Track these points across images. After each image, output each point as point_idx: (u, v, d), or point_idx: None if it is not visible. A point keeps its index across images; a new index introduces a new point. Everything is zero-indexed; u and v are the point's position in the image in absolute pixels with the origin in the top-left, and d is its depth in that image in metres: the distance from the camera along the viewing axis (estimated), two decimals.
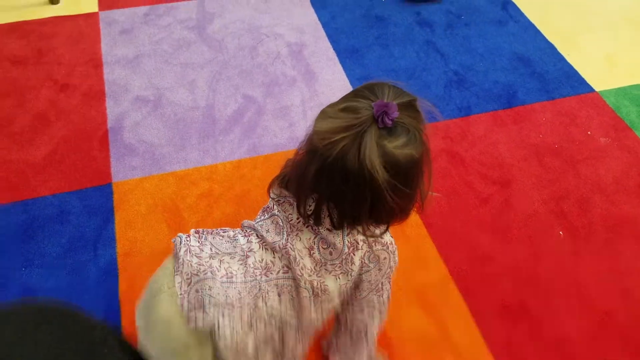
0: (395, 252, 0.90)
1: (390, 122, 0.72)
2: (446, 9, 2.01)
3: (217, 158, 1.46)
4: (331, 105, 0.76)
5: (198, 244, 0.87)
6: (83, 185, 1.37)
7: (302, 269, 0.84)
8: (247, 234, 0.90)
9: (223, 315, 0.80)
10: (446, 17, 1.97)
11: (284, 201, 0.88)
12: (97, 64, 1.68)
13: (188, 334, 0.81)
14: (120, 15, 1.86)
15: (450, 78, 1.75)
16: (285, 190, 0.88)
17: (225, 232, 0.91)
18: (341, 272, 0.85)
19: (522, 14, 2.01)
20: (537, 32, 1.94)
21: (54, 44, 1.74)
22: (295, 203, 0.84)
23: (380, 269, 0.89)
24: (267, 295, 0.83)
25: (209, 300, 0.80)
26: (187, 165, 1.44)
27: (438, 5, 2.02)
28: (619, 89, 1.74)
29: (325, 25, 1.90)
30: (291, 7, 1.94)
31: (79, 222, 1.31)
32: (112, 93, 1.60)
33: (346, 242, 0.83)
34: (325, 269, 0.84)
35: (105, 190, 1.37)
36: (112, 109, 1.55)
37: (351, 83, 1.70)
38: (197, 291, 0.81)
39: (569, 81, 1.76)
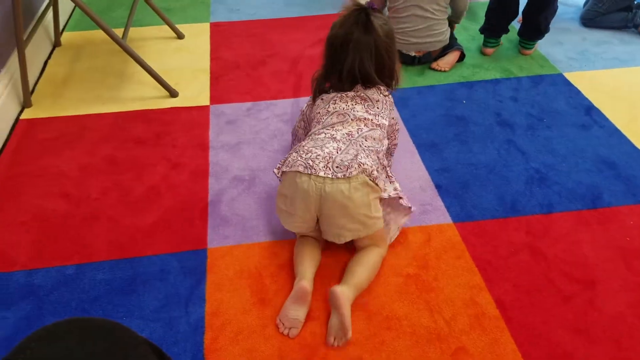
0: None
1: (374, 6, 1.43)
2: (527, 111, 2.09)
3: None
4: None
5: (308, 147, 1.41)
6: (182, 249, 1.53)
7: (368, 121, 1.45)
8: (317, 133, 1.44)
9: (360, 163, 1.34)
10: (527, 120, 2.05)
11: (333, 97, 1.50)
12: (204, 148, 1.91)
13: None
14: (227, 108, 2.13)
15: (532, 175, 1.79)
16: (325, 93, 1.53)
17: (301, 146, 1.41)
18: (386, 115, 1.50)
19: (606, 119, 2.04)
20: (623, 137, 1.95)
21: (170, 129, 2.00)
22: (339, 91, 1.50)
23: (393, 109, 1.57)
24: (363, 141, 1.41)
25: (349, 160, 1.33)
26: (272, 238, 1.56)
27: (518, 107, 2.11)
28: None
29: (406, 122, 2.04)
30: None
31: (176, 281, 1.44)
32: (214, 172, 1.80)
33: (381, 94, 1.50)
34: (380, 116, 1.47)
35: (200, 255, 1.51)
36: (213, 186, 1.74)
37: (430, 174, 1.78)
38: (338, 167, 1.32)
39: None
